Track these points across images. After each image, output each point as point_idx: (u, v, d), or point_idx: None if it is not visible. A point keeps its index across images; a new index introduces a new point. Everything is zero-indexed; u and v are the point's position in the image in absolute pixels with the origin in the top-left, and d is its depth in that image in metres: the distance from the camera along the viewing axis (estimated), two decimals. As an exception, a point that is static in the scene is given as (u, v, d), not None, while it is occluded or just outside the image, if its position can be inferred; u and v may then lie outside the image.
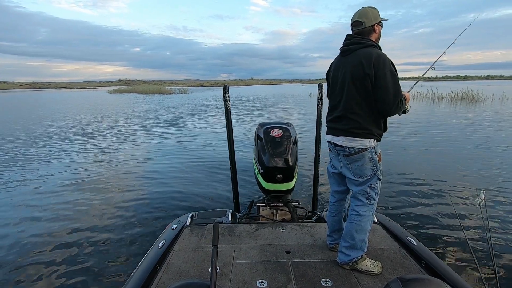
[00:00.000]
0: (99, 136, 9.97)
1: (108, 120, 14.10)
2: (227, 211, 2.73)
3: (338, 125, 1.82)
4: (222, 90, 2.73)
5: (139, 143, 8.78)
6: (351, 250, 1.83)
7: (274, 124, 2.75)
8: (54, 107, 23.07)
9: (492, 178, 5.22)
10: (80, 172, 5.93)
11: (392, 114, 1.75)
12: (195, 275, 1.79)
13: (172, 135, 9.95)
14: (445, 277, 1.67)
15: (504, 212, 3.87)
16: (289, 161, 2.51)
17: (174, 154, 7.39)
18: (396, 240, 2.18)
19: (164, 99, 29.92)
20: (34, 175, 5.82)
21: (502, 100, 22.22)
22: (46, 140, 9.27)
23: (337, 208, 2.07)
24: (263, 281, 1.73)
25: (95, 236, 3.45)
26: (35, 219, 3.92)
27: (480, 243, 3.13)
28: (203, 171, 5.90)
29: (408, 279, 1.07)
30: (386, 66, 1.63)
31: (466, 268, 2.71)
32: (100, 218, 3.92)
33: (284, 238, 2.24)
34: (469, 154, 6.88)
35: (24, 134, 10.46)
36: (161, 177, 5.57)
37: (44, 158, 7.08)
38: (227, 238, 2.25)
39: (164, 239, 2.21)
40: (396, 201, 4.28)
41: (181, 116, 15.33)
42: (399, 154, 6.99)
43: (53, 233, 3.56)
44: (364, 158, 1.76)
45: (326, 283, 1.71)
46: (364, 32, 1.78)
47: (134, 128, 11.55)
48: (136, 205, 4.31)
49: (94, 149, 7.97)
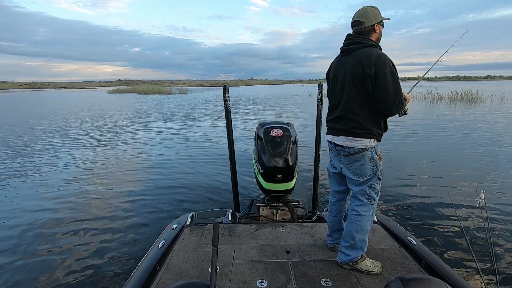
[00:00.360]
0: (98, 136, 9.96)
1: (107, 120, 14.09)
2: (227, 211, 2.73)
3: (338, 125, 1.82)
4: (222, 90, 2.73)
5: (139, 143, 8.78)
6: (351, 250, 1.83)
7: (274, 124, 2.75)
8: (55, 107, 23.07)
9: (492, 178, 5.22)
10: (80, 173, 5.93)
11: (392, 115, 1.75)
12: (195, 275, 1.79)
13: (172, 135, 9.95)
14: (445, 277, 1.67)
15: (504, 212, 3.87)
16: (289, 161, 2.51)
17: (174, 154, 7.39)
18: (396, 240, 2.19)
19: (164, 99, 29.92)
20: (33, 175, 5.81)
21: (501, 100, 22.25)
22: (46, 140, 9.27)
23: (337, 208, 2.07)
24: (263, 281, 1.73)
25: (95, 236, 3.45)
26: (35, 219, 3.91)
27: (480, 243, 3.13)
28: (203, 171, 5.90)
29: (408, 279, 1.07)
30: (386, 66, 1.63)
31: (466, 268, 2.71)
32: (99, 218, 3.92)
33: (284, 238, 2.24)
34: (469, 154, 6.89)
35: (23, 135, 10.45)
36: (161, 177, 5.57)
37: (44, 159, 7.07)
38: (227, 238, 2.25)
39: (164, 239, 2.21)
40: (396, 201, 4.28)
41: (181, 116, 15.33)
42: (399, 154, 7.00)
43: (53, 232, 3.56)
44: (364, 158, 1.76)
45: (326, 283, 1.71)
46: (364, 32, 1.78)
47: (133, 129, 11.55)
48: (136, 205, 4.31)
49: (93, 150, 7.96)
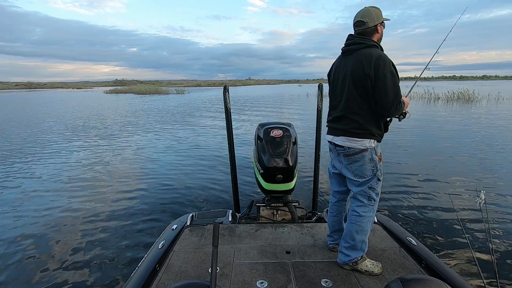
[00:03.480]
0: (98, 136, 9.91)
1: (107, 120, 14.02)
2: (227, 211, 2.72)
3: (338, 125, 1.82)
4: (222, 90, 2.73)
5: (138, 143, 8.74)
6: (351, 250, 1.83)
7: (274, 124, 2.74)
8: (56, 107, 22.92)
9: (492, 178, 5.21)
10: (79, 173, 5.89)
11: (391, 116, 1.74)
12: (195, 276, 1.79)
13: (172, 135, 9.90)
14: (446, 277, 1.68)
15: (504, 212, 3.87)
16: (289, 161, 2.51)
17: (174, 154, 7.36)
18: (396, 240, 2.19)
19: (161, 100, 29.80)
20: (32, 177, 5.77)
21: (497, 100, 22.35)
22: (45, 141, 9.21)
23: (338, 209, 2.07)
24: (263, 281, 1.73)
25: (95, 236, 3.43)
26: (34, 219, 3.89)
27: (480, 243, 3.13)
28: (203, 171, 5.88)
29: (408, 279, 1.07)
30: (386, 67, 1.62)
31: (466, 268, 2.71)
32: (99, 218, 3.90)
33: (284, 238, 2.24)
34: (469, 154, 6.88)
35: (20, 135, 10.39)
36: (161, 177, 5.55)
37: (43, 159, 7.02)
38: (227, 238, 2.24)
39: (164, 239, 2.21)
40: (396, 202, 4.27)
41: (181, 116, 15.27)
42: (399, 154, 6.99)
43: (53, 232, 3.54)
44: (364, 158, 1.76)
45: (326, 283, 1.71)
46: (366, 32, 1.78)
47: (133, 129, 11.49)
48: (136, 205, 4.29)
49: (92, 150, 7.91)
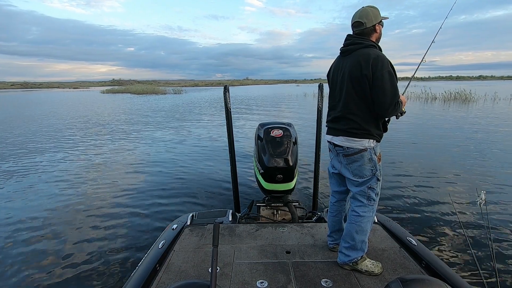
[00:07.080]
0: (97, 136, 9.85)
1: (106, 121, 13.94)
2: (227, 211, 2.72)
3: (338, 125, 1.83)
4: (223, 90, 2.72)
5: (138, 143, 8.70)
6: (351, 250, 1.84)
7: (275, 124, 2.74)
8: (56, 107, 22.77)
9: (492, 178, 5.21)
10: (79, 173, 5.86)
11: (389, 116, 1.75)
12: (195, 275, 1.79)
13: (172, 136, 9.87)
14: (446, 278, 1.68)
15: (504, 212, 3.87)
16: (290, 161, 2.51)
17: (174, 154, 7.34)
18: (397, 240, 2.19)
19: (159, 100, 29.68)
20: (31, 175, 5.73)
21: (494, 100, 22.47)
22: (45, 140, 9.14)
23: (338, 209, 2.07)
24: (263, 281, 1.73)
25: (95, 236, 3.42)
26: (34, 218, 3.86)
27: (480, 243, 3.12)
28: (203, 171, 5.87)
29: (408, 279, 1.07)
30: (384, 67, 1.62)
31: (466, 269, 2.71)
32: (99, 218, 3.88)
33: (284, 238, 2.24)
34: (469, 154, 6.88)
35: (19, 135, 10.31)
36: (161, 177, 5.53)
37: (42, 159, 6.97)
38: (227, 238, 2.24)
39: (164, 239, 2.21)
40: (396, 202, 4.27)
41: (180, 117, 15.23)
42: (400, 154, 6.98)
43: (53, 232, 3.52)
44: (363, 158, 1.76)
45: (326, 283, 1.72)
46: (365, 33, 1.78)
47: (133, 129, 11.43)
48: (137, 205, 4.27)
49: (92, 150, 7.87)
